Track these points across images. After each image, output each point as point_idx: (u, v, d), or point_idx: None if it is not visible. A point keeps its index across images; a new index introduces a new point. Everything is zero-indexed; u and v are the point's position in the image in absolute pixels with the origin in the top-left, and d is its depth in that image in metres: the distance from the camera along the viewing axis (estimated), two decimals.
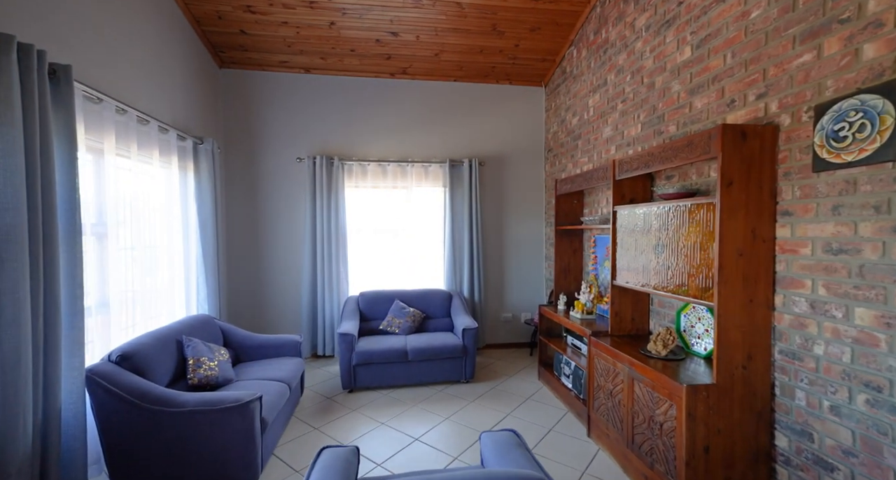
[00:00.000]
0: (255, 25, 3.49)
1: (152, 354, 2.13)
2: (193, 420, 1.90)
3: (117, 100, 2.25)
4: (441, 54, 3.96)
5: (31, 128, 1.59)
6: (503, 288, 4.50)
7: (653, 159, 2.14)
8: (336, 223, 4.02)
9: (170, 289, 2.96)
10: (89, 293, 2.25)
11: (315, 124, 4.13)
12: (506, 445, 1.51)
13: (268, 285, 4.10)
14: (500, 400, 3.11)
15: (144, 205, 2.68)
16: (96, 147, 2.19)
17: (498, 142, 4.45)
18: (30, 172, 1.58)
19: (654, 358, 2.07)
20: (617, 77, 3.03)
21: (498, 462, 1.43)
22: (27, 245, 1.55)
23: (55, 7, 1.96)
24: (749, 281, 1.70)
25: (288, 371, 2.73)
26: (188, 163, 3.12)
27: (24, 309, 1.54)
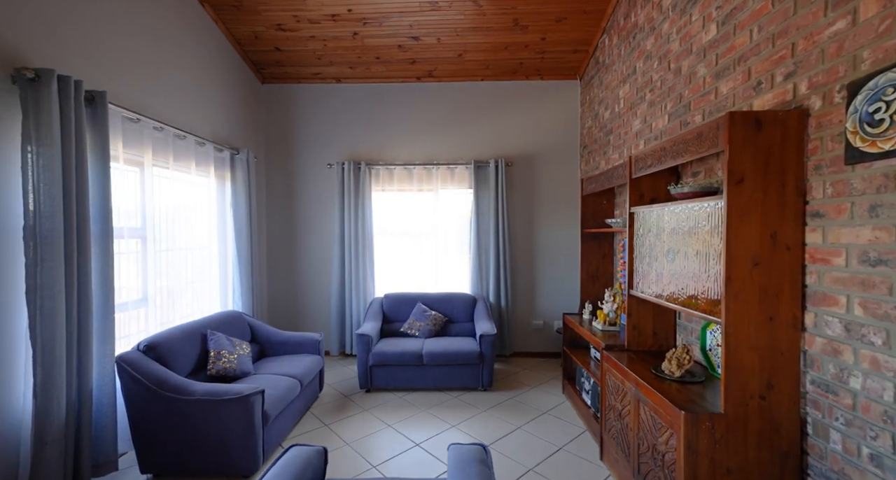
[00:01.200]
0: (287, 42, 3.75)
1: (176, 345, 2.37)
2: (200, 407, 2.08)
3: (154, 119, 2.55)
4: (464, 54, 3.92)
5: (67, 146, 1.85)
6: (534, 294, 4.31)
7: (665, 154, 1.91)
8: (363, 226, 4.15)
9: (208, 287, 3.29)
10: (133, 289, 2.59)
11: (345, 131, 4.31)
12: (468, 460, 1.43)
13: (301, 285, 4.36)
14: (515, 411, 2.97)
15: (184, 210, 3.01)
16: (136, 160, 2.51)
17: (528, 141, 4.28)
18: (66, 185, 1.85)
19: (666, 379, 1.84)
20: (645, 64, 2.76)
21: (455, 476, 1.37)
22: (62, 247, 1.82)
23: (100, 43, 2.27)
24: (768, 295, 1.43)
25: (303, 368, 2.87)
26: (225, 173, 3.43)
27: (60, 302, 1.81)
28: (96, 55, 2.24)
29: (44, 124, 1.77)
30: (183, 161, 2.89)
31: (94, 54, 2.22)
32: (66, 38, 2.07)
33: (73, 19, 2.12)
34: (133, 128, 2.43)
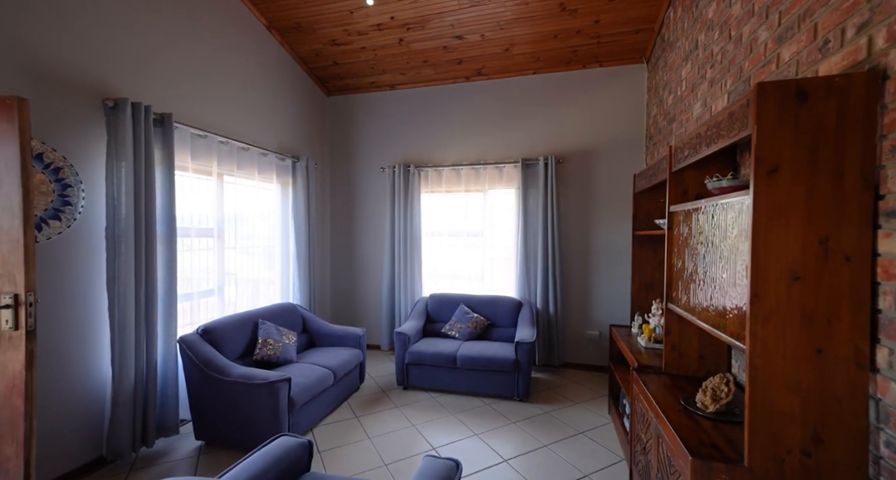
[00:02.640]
0: (342, 55, 4.02)
1: (229, 331, 2.71)
2: (236, 388, 2.34)
3: (220, 135, 2.96)
4: (511, 48, 3.76)
5: (139, 161, 2.24)
6: (588, 301, 3.94)
7: (700, 141, 1.58)
8: (411, 227, 4.25)
9: (271, 281, 3.69)
10: (208, 280, 3.02)
11: (397, 135, 4.46)
12: (431, 476, 1.36)
13: (358, 282, 4.63)
14: (547, 427, 2.75)
15: (251, 213, 3.42)
16: (206, 170, 2.92)
17: (583, 136, 3.94)
18: (136, 193, 2.24)
19: (698, 414, 1.52)
20: (706, 36, 2.33)
21: None
22: (133, 245, 2.20)
23: (172, 71, 2.71)
24: (815, 319, 1.08)
25: (340, 360, 3.05)
26: (287, 179, 3.81)
27: (130, 290, 2.19)
28: (167, 82, 2.67)
29: (121, 143, 2.17)
30: (246, 169, 3.29)
31: (166, 81, 2.65)
32: (142, 69, 2.51)
33: (149, 53, 2.56)
34: (202, 143, 2.84)
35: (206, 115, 2.95)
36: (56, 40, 2.06)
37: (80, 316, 2.15)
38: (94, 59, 2.22)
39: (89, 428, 2.19)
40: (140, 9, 2.48)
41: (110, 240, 2.18)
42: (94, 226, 2.20)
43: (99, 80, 2.24)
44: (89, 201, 2.18)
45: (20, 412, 1.41)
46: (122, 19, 2.37)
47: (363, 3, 3.31)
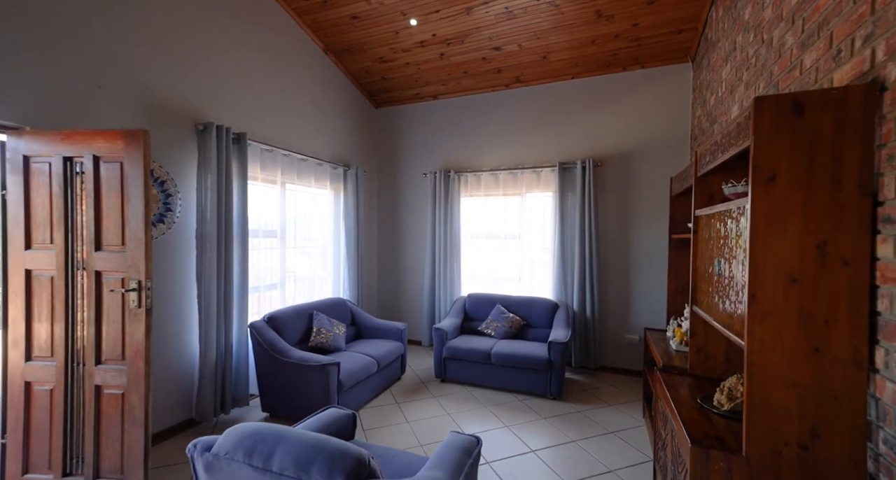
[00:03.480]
0: (389, 71, 4.36)
1: (289, 320, 3.11)
2: (294, 368, 2.70)
3: (282, 148, 3.39)
4: (549, 56, 3.87)
5: (220, 173, 2.69)
6: (628, 305, 3.92)
7: (717, 148, 1.64)
8: (451, 229, 4.48)
9: (324, 277, 4.10)
10: (272, 276, 3.47)
11: (439, 142, 4.73)
12: (453, 447, 1.57)
13: (402, 280, 4.95)
14: (577, 425, 2.83)
15: (308, 216, 3.85)
16: (271, 179, 3.37)
17: (623, 138, 3.93)
18: (219, 200, 2.68)
19: (713, 412, 1.58)
20: (743, 38, 2.32)
21: (437, 456, 1.52)
22: (215, 244, 2.65)
23: (247, 97, 3.16)
24: (813, 320, 1.14)
25: (383, 351, 3.35)
26: (339, 185, 4.21)
27: (213, 282, 2.63)
28: (243, 106, 3.13)
29: (208, 159, 2.62)
30: (304, 178, 3.72)
31: (242, 106, 3.12)
32: (224, 97, 2.98)
33: (230, 84, 3.03)
34: (269, 156, 3.29)
35: (272, 132, 3.40)
36: (164, 80, 2.55)
37: (177, 302, 2.62)
38: (189, 92, 2.71)
39: (183, 394, 2.66)
40: (224, 49, 2.95)
41: (199, 240, 2.64)
42: (187, 229, 2.68)
43: (193, 108, 2.72)
44: (184, 208, 2.65)
45: (142, 372, 1.83)
46: (211, 59, 2.85)
47: (407, 24, 3.60)
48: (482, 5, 3.32)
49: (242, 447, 1.20)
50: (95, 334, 1.88)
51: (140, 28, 2.43)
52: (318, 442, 1.16)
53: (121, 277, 1.87)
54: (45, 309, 1.89)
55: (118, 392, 1.86)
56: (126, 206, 1.85)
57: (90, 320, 1.88)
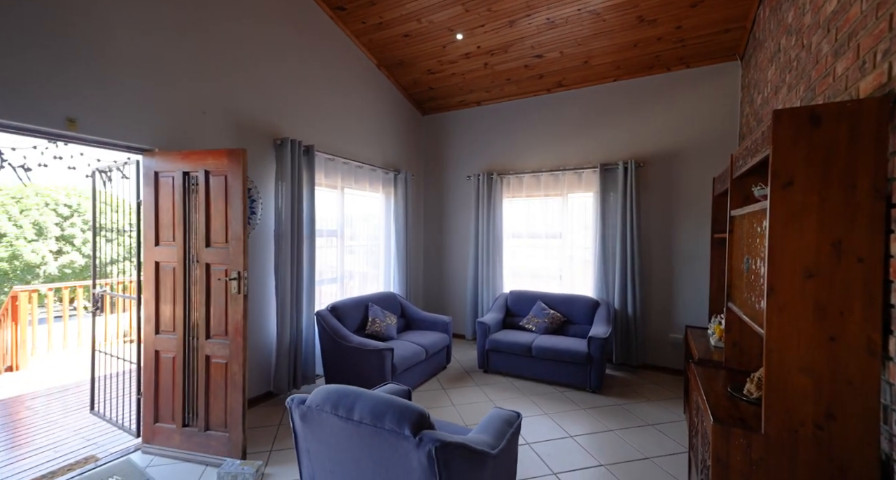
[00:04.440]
0: (436, 81, 4.66)
1: (348, 310, 3.49)
2: (353, 352, 3.07)
3: (342, 157, 3.80)
4: (590, 61, 3.98)
5: (293, 181, 3.12)
6: (671, 304, 3.93)
7: (748, 153, 1.74)
8: (493, 229, 4.70)
9: (377, 273, 4.49)
10: (332, 271, 3.89)
11: (482, 146, 4.96)
12: (497, 418, 1.81)
13: (446, 277, 5.24)
14: (616, 417, 2.96)
15: (362, 218, 4.25)
16: (333, 185, 3.79)
17: (667, 138, 3.95)
18: (292, 204, 3.11)
19: (742, 399, 1.70)
20: (786, 40, 2.35)
21: (482, 424, 1.77)
22: (289, 242, 3.07)
23: (314, 113, 3.60)
24: (828, 312, 1.26)
25: (430, 341, 3.65)
26: (390, 189, 4.58)
27: (287, 275, 3.06)
28: (311, 122, 3.57)
29: (283, 169, 3.06)
30: (360, 182, 4.12)
31: (310, 121, 3.55)
32: (296, 115, 3.42)
33: (300, 103, 3.47)
34: (331, 164, 3.71)
35: (334, 142, 3.82)
36: (251, 104, 3.02)
37: (259, 292, 3.08)
38: (270, 112, 3.16)
39: (263, 371, 3.12)
40: (296, 73, 3.40)
41: (276, 239, 3.08)
42: (266, 229, 3.13)
43: (272, 126, 3.18)
44: (264, 211, 3.10)
45: (241, 346, 2.25)
46: (286, 83, 3.30)
47: (454, 38, 3.88)
48: (525, 17, 3.52)
49: (329, 401, 1.52)
50: (205, 314, 2.33)
51: (234, 63, 2.90)
52: (388, 400, 1.46)
53: (224, 269, 2.30)
54: (169, 294, 2.37)
55: (223, 361, 2.30)
56: (228, 211, 2.28)
57: (201, 303, 2.33)
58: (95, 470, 2.21)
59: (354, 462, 1.49)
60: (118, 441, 2.55)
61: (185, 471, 2.23)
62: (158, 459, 2.33)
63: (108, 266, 3.07)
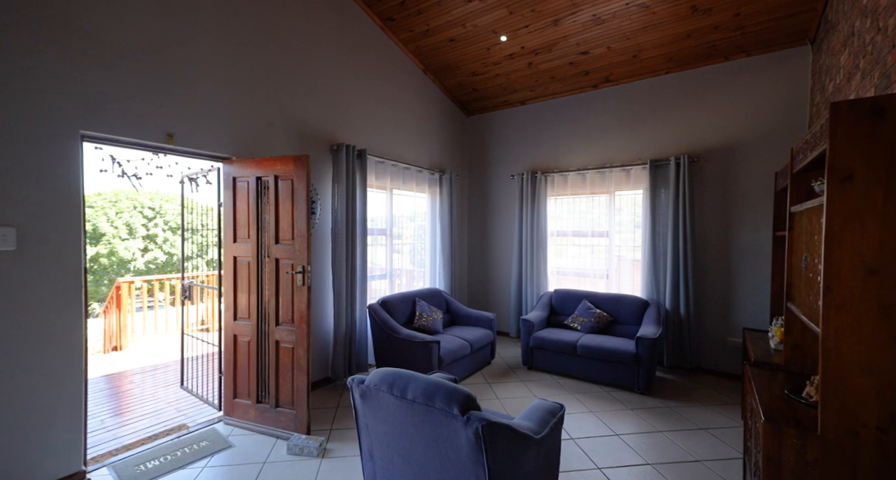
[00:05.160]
0: (480, 83, 4.76)
1: (397, 304, 3.70)
2: (403, 344, 3.25)
3: (390, 159, 4.02)
4: (639, 55, 3.88)
5: (348, 183, 3.37)
6: (729, 306, 3.74)
7: (807, 146, 1.68)
8: (537, 228, 4.71)
9: (423, 270, 4.68)
10: (382, 267, 4.14)
11: (526, 145, 4.98)
12: (540, 408, 1.89)
13: (490, 274, 5.32)
14: (666, 419, 2.89)
15: (409, 217, 4.45)
16: (382, 186, 4.02)
17: (723, 131, 3.75)
18: (346, 205, 3.36)
19: (800, 402, 1.64)
20: (861, 23, 2.19)
21: (526, 412, 1.86)
22: (345, 239, 3.33)
23: (366, 120, 3.84)
24: (893, 311, 1.21)
25: (474, 336, 3.76)
26: (435, 189, 4.75)
27: (342, 270, 3.32)
28: (363, 127, 3.82)
29: (339, 172, 3.32)
30: (408, 183, 4.33)
31: (362, 127, 3.81)
32: (350, 121, 3.68)
33: (354, 110, 3.73)
34: (380, 166, 3.94)
35: (383, 146, 4.05)
36: (311, 114, 3.31)
37: (318, 285, 3.37)
38: (327, 120, 3.45)
39: (321, 358, 3.41)
40: (350, 83, 3.66)
41: (332, 237, 3.35)
42: (324, 227, 3.41)
43: (329, 132, 3.46)
44: (322, 211, 3.39)
45: (305, 332, 2.51)
46: (342, 92, 3.58)
47: (498, 40, 3.95)
48: (570, 16, 3.52)
49: (385, 381, 1.69)
50: (275, 303, 2.61)
51: (296, 76, 3.20)
52: (438, 382, 1.59)
53: (291, 263, 2.57)
54: (244, 285, 2.69)
55: (290, 346, 2.57)
56: (294, 211, 2.55)
57: (272, 293, 2.62)
58: (188, 436, 2.57)
59: (408, 437, 1.64)
60: (204, 413, 2.92)
61: (259, 442, 2.52)
62: (237, 430, 2.66)
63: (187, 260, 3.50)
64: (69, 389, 2.05)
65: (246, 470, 2.23)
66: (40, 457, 1.96)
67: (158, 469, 2.21)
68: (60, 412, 2.02)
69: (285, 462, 2.30)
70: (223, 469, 2.24)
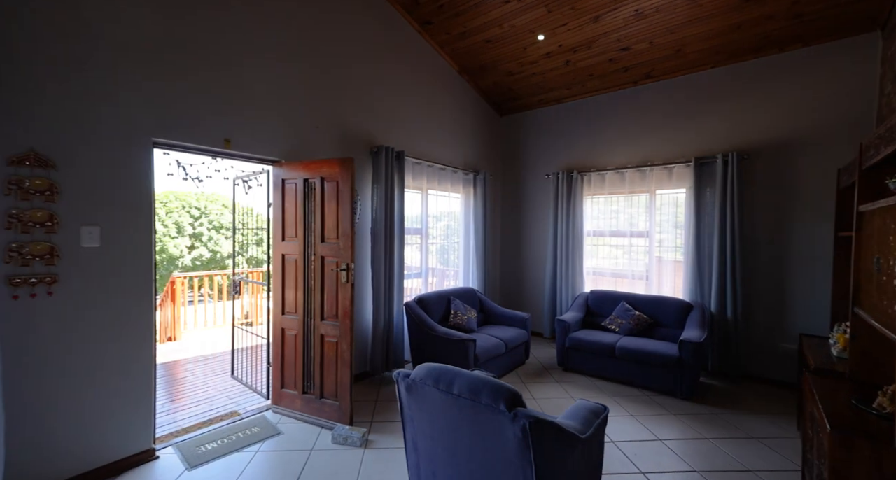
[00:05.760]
0: (516, 83, 4.74)
1: (433, 302, 3.76)
2: (439, 340, 3.30)
3: (427, 160, 4.09)
4: (683, 49, 3.74)
5: (386, 184, 3.46)
6: (784, 311, 3.53)
7: (881, 141, 1.57)
8: (573, 228, 4.64)
9: (456, 269, 4.72)
10: (417, 266, 4.21)
11: (561, 144, 4.92)
12: (584, 408, 1.88)
13: (523, 274, 5.29)
14: (712, 426, 2.78)
15: (443, 217, 4.51)
16: (418, 187, 4.10)
17: (777, 126, 3.55)
18: (385, 205, 3.45)
19: (870, 413, 1.55)
20: None
21: (569, 412, 1.85)
22: (383, 239, 3.42)
23: (404, 123, 3.93)
24: None
25: (509, 335, 3.76)
26: (469, 189, 4.78)
27: (381, 268, 3.42)
28: (400, 129, 3.91)
29: (378, 173, 3.42)
30: (443, 184, 4.38)
31: (400, 129, 3.90)
32: (388, 124, 3.78)
33: (392, 113, 3.83)
34: (417, 167, 4.02)
35: (419, 147, 4.13)
36: (353, 118, 3.43)
37: (359, 283, 3.48)
38: (368, 124, 3.56)
39: (360, 352, 3.52)
40: (389, 88, 3.76)
41: (372, 236, 3.45)
42: (364, 227, 3.52)
43: (369, 135, 3.57)
44: (362, 211, 3.49)
45: (348, 327, 2.61)
46: (382, 97, 3.69)
47: (535, 39, 3.93)
48: (611, 12, 3.44)
49: (431, 376, 1.73)
50: (320, 299, 2.73)
51: (339, 81, 3.33)
52: (484, 378, 1.62)
53: (335, 260, 2.68)
54: (292, 281, 2.83)
55: (334, 340, 2.68)
56: (339, 211, 2.65)
57: (317, 289, 2.74)
58: (240, 422, 2.73)
59: (452, 431, 1.68)
60: (252, 401, 3.10)
61: (305, 430, 2.65)
62: (284, 418, 2.80)
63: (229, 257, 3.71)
64: (142, 372, 2.24)
65: (295, 456, 2.35)
66: (118, 434, 2.15)
67: (217, 450, 2.37)
68: (134, 393, 2.21)
69: (331, 451, 2.41)
70: (275, 454, 2.37)
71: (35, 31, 1.89)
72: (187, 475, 2.17)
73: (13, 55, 1.83)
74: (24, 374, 1.87)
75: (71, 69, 1.98)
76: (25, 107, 1.86)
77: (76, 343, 2.02)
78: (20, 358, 1.86)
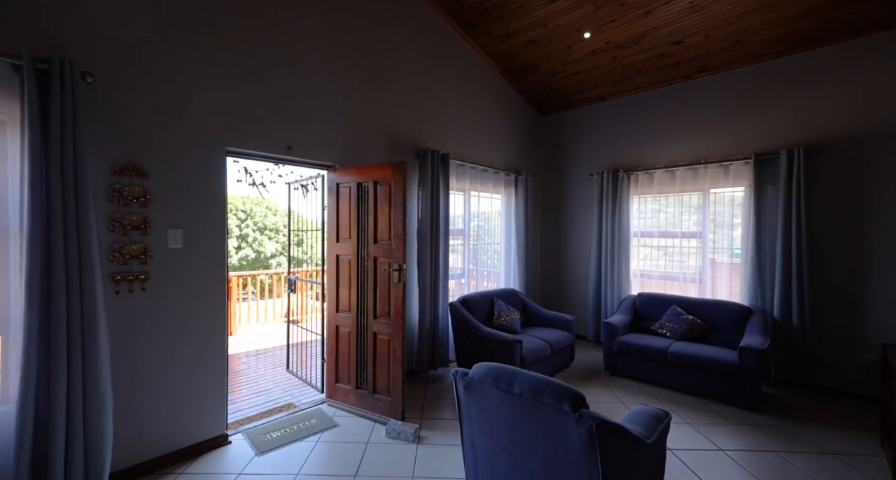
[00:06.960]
0: (558, 82, 4.69)
1: (476, 302, 3.79)
2: (483, 341, 3.33)
3: (468, 162, 4.13)
4: (742, 40, 3.56)
5: (432, 186, 3.53)
6: (860, 317, 3.27)
7: None
8: (619, 228, 4.51)
9: (498, 270, 4.73)
10: (460, 266, 4.26)
11: (605, 143, 4.80)
12: (645, 413, 1.85)
13: (565, 275, 5.20)
14: (779, 438, 2.62)
15: (486, 218, 4.53)
16: (461, 188, 4.14)
17: (850, 119, 3.31)
18: (431, 206, 3.52)
19: None
20: None
21: (629, 416, 1.83)
22: (429, 240, 3.49)
23: (450, 127, 3.99)
24: None
25: (553, 338, 3.72)
26: (511, 190, 4.77)
27: (427, 268, 3.49)
28: (445, 132, 3.98)
29: (424, 176, 3.50)
30: (485, 185, 4.41)
31: (445, 132, 3.97)
32: (434, 128, 3.86)
33: (437, 117, 3.90)
34: (460, 169, 4.07)
35: (462, 149, 4.17)
36: (402, 123, 3.54)
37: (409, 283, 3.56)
38: (415, 128, 3.66)
39: (408, 349, 3.61)
40: (434, 92, 3.84)
41: (419, 237, 3.54)
42: (410, 229, 3.61)
43: (416, 139, 3.66)
44: (408, 213, 3.59)
45: (400, 326, 2.69)
46: (427, 101, 3.78)
47: (581, 37, 3.87)
48: (663, 6, 3.33)
49: (490, 375, 1.76)
50: (373, 298, 2.84)
51: (386, 88, 3.44)
52: (545, 379, 1.63)
53: (387, 261, 2.78)
54: (346, 280, 2.96)
55: (386, 338, 2.78)
56: (391, 213, 2.74)
57: (370, 289, 2.85)
58: (298, 413, 2.89)
59: (512, 429, 1.70)
60: (307, 394, 3.26)
61: (359, 424, 2.76)
62: (339, 412, 2.93)
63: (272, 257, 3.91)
64: (216, 362, 2.43)
65: (352, 448, 2.45)
66: (197, 419, 2.35)
67: (281, 438, 2.52)
68: (210, 381, 2.40)
69: (385, 444, 2.50)
70: (334, 445, 2.49)
71: (139, 66, 2.12)
72: (257, 460, 2.32)
73: (122, 82, 2.07)
74: (122, 361, 2.09)
75: (162, 90, 2.20)
76: (124, 124, 2.08)
77: (163, 335, 2.23)
78: (120, 347, 2.08)
